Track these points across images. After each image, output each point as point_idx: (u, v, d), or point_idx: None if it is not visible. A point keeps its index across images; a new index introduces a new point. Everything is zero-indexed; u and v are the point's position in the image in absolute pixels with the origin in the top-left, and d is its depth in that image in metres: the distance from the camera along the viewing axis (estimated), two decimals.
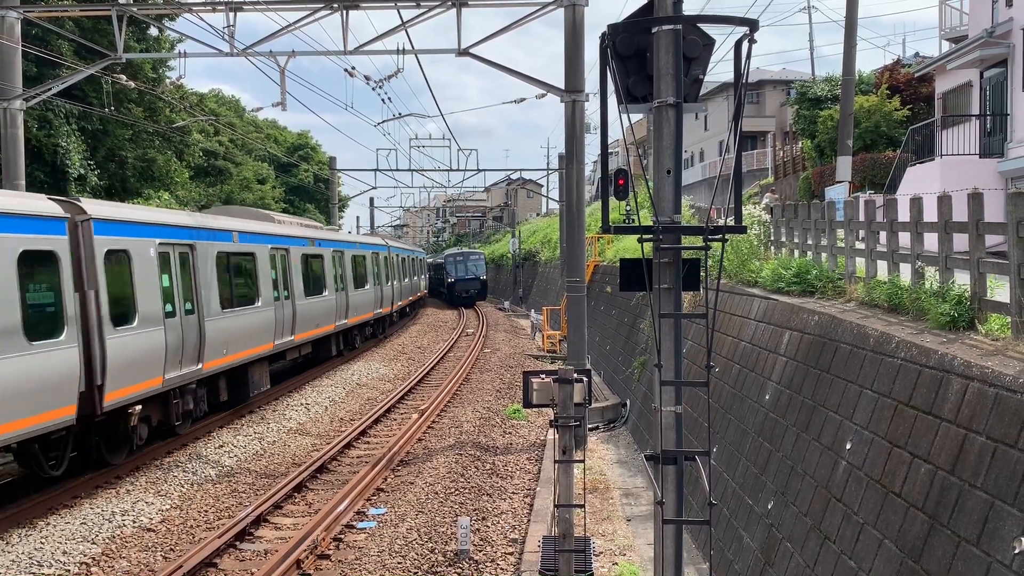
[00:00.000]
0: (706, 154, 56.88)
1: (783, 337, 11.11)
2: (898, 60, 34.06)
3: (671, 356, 5.39)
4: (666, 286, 5.41)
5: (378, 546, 10.71)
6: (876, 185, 24.11)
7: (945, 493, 6.48)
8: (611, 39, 5.37)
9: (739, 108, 5.24)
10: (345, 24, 18.43)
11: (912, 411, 7.34)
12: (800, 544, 8.70)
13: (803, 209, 13.55)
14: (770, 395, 10.93)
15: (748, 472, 10.91)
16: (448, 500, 12.57)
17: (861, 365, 8.60)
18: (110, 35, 21.69)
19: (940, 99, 23.63)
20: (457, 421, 18.38)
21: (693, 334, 15.30)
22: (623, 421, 20.39)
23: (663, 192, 5.40)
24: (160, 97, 29.89)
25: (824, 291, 11.58)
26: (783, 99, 48.92)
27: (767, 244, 15.49)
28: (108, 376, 12.69)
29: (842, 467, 8.32)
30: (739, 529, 10.60)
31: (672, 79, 5.27)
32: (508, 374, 25.10)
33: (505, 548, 10.67)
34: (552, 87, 18.62)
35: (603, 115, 5.89)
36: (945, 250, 8.61)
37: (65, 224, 12.10)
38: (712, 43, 5.54)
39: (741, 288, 14.05)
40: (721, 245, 5.35)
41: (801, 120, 31.21)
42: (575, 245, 18.34)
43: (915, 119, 25.94)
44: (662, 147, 5.41)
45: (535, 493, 13.03)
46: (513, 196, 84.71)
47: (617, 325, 25.79)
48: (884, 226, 10.43)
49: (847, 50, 20.90)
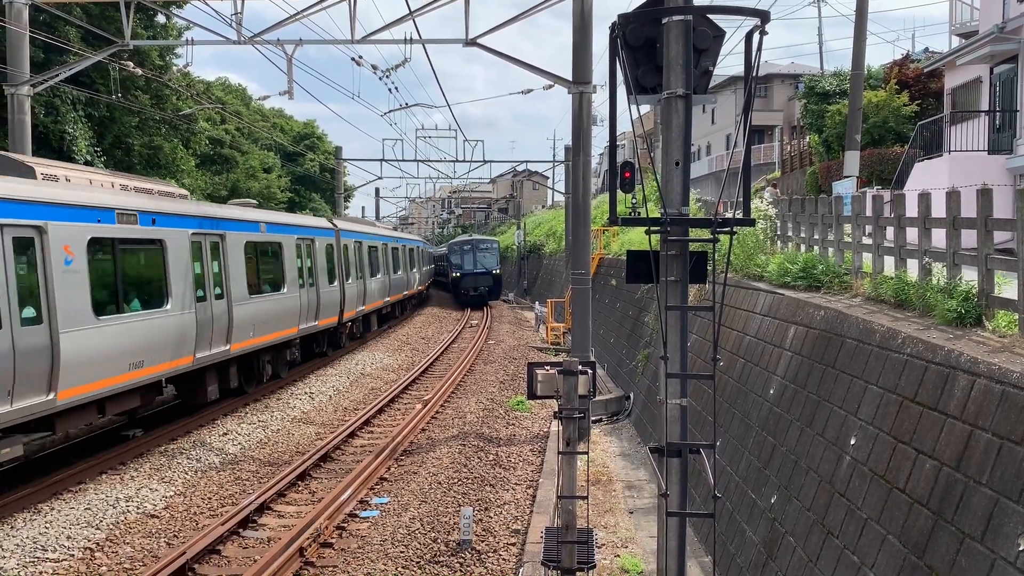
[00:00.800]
0: (713, 148, 56.75)
1: (789, 331, 11.08)
2: (907, 55, 33.88)
3: (677, 349, 5.38)
4: (673, 279, 5.40)
5: (381, 535, 10.74)
6: (884, 180, 24.02)
7: (950, 489, 6.46)
8: (621, 29, 5.34)
9: (749, 100, 5.21)
10: (353, 13, 18.40)
11: (917, 407, 7.32)
12: (803, 539, 8.69)
13: (810, 204, 13.50)
14: (775, 389, 10.91)
15: (752, 466, 10.90)
16: (451, 490, 12.58)
17: (867, 360, 8.58)
18: (117, 22, 21.69)
19: (949, 95, 23.50)
20: (461, 411, 18.40)
21: (698, 327, 15.28)
22: (627, 414, 20.39)
23: (671, 184, 5.38)
24: (167, 84, 29.87)
25: (830, 286, 11.54)
26: (791, 93, 48.76)
27: (773, 238, 15.44)
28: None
29: (846, 462, 8.31)
30: (742, 523, 10.60)
31: (682, 70, 5.24)
32: (512, 365, 25.11)
33: (507, 538, 10.69)
34: (560, 78, 18.57)
35: (612, 106, 5.86)
36: (953, 246, 8.57)
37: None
38: (722, 35, 5.51)
39: (747, 282, 14.02)
40: (729, 238, 5.32)
41: (809, 114, 31.10)
42: (581, 237, 18.32)
43: (924, 115, 25.82)
44: (671, 139, 5.39)
45: (538, 484, 13.05)
46: (519, 188, 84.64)
47: (622, 318, 25.77)
48: (891, 221, 10.38)
49: (856, 44, 20.79)
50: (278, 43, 19.22)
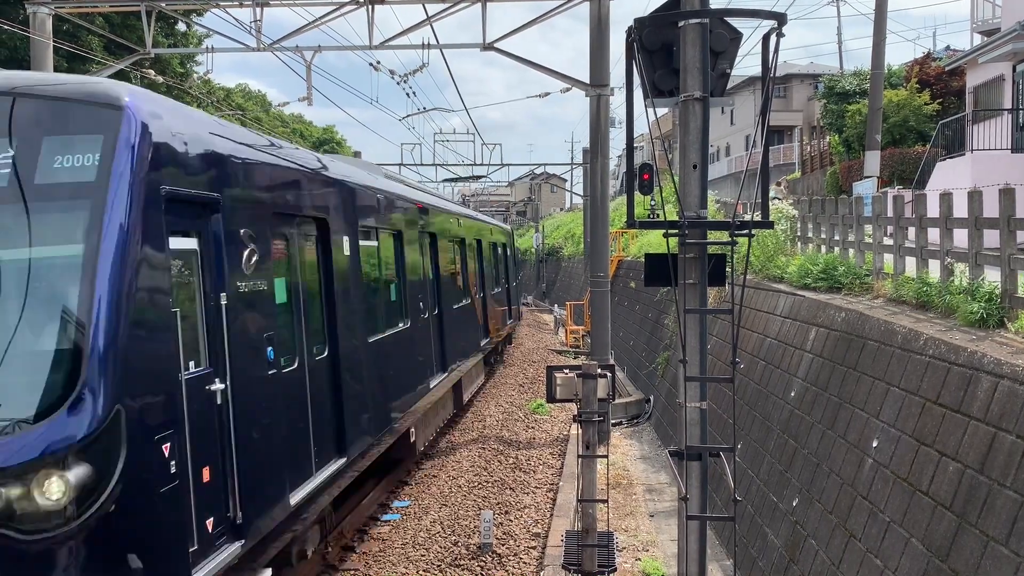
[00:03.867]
0: (732, 149, 56.50)
1: (809, 333, 11.02)
2: (928, 53, 33.61)
3: (696, 352, 5.38)
4: (691, 281, 5.40)
5: (402, 538, 10.78)
6: (904, 180, 23.82)
7: (974, 492, 6.40)
8: (637, 33, 5.35)
9: (767, 102, 5.21)
10: (371, 19, 18.50)
11: (940, 409, 7.26)
12: (825, 542, 8.64)
13: (830, 204, 13.43)
14: (795, 392, 10.86)
15: (772, 469, 10.84)
16: (471, 494, 12.60)
17: (888, 362, 8.52)
18: (139, 30, 21.94)
19: (971, 93, 23.29)
20: (480, 415, 18.42)
21: (717, 330, 15.22)
22: (646, 417, 20.35)
23: (689, 187, 5.38)
24: (188, 92, 30.18)
25: (851, 287, 11.47)
26: (810, 93, 48.45)
27: (793, 240, 15.37)
28: None
29: (868, 465, 8.25)
30: (763, 526, 10.55)
31: (699, 73, 5.25)
32: (531, 369, 25.11)
33: (528, 542, 10.69)
34: (577, 81, 18.57)
35: (629, 110, 5.88)
36: (975, 246, 8.50)
37: None
38: (739, 37, 5.51)
39: (767, 284, 13.96)
40: (748, 240, 5.32)
41: (829, 114, 30.91)
42: (599, 240, 18.30)
43: (945, 113, 25.58)
44: (688, 141, 5.39)
45: (558, 488, 13.04)
46: (537, 191, 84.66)
47: (641, 320, 25.71)
48: (913, 222, 10.31)
49: (876, 43, 20.65)
50: (297, 49, 19.34)
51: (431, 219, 14.44)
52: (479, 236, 20.69)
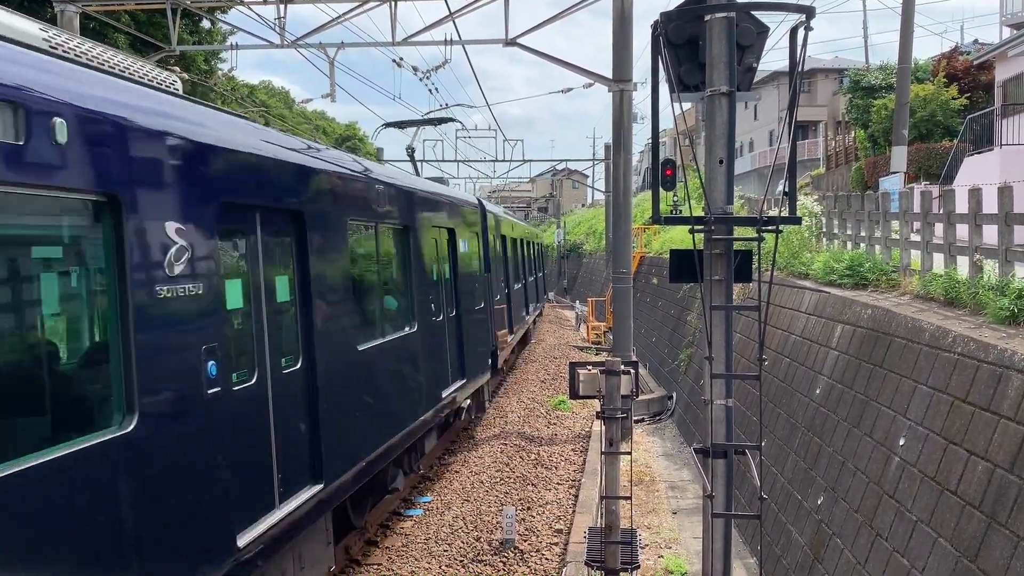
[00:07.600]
0: (756, 144, 56.10)
1: (835, 330, 10.92)
2: (956, 47, 33.16)
3: (722, 349, 5.34)
4: (717, 278, 5.35)
5: (424, 533, 10.81)
6: (931, 176, 23.53)
7: (1003, 491, 6.31)
8: (663, 27, 5.31)
9: (794, 97, 5.15)
10: (394, 15, 18.53)
11: (969, 407, 7.17)
12: (851, 540, 8.56)
13: (856, 200, 13.29)
14: (821, 389, 10.76)
15: (798, 467, 10.76)
16: (493, 489, 12.61)
17: (916, 360, 8.42)
18: (164, 28, 22.13)
19: (1000, 87, 22.95)
20: (502, 411, 18.43)
21: (742, 327, 15.12)
22: (669, 414, 20.27)
23: (715, 182, 5.34)
24: (212, 88, 30.40)
25: (878, 284, 11.35)
26: (835, 88, 48.01)
27: (819, 236, 15.23)
28: None
29: (895, 463, 8.17)
30: (787, 524, 10.48)
31: (725, 67, 5.20)
32: (553, 365, 25.08)
33: (550, 538, 10.69)
34: (600, 76, 18.51)
35: (654, 105, 5.83)
36: (1005, 242, 8.38)
37: None
38: (766, 31, 5.45)
39: (792, 280, 13.84)
40: (775, 236, 5.26)
41: (854, 109, 30.59)
42: (622, 236, 18.23)
43: (973, 108, 25.23)
44: (714, 136, 5.34)
45: (580, 484, 13.02)
46: (558, 186, 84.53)
47: (663, 317, 25.61)
48: (941, 218, 10.18)
49: (903, 37, 20.40)
50: (320, 46, 19.43)
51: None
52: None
